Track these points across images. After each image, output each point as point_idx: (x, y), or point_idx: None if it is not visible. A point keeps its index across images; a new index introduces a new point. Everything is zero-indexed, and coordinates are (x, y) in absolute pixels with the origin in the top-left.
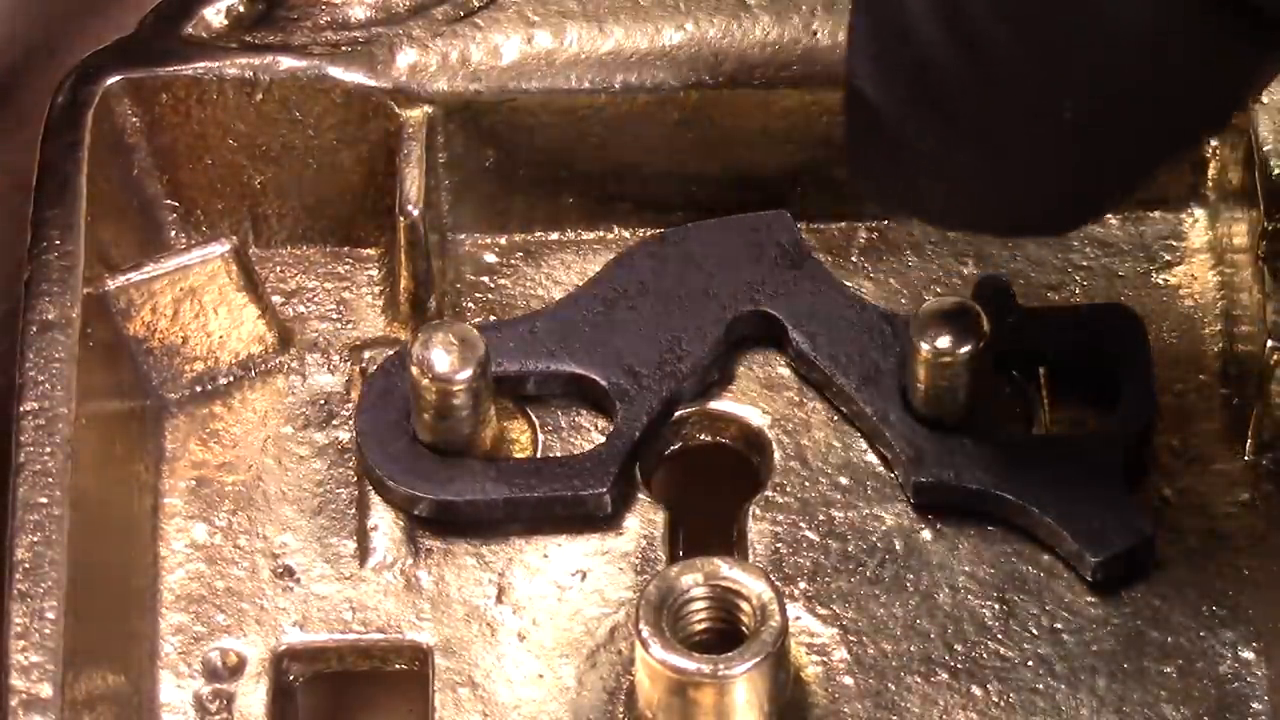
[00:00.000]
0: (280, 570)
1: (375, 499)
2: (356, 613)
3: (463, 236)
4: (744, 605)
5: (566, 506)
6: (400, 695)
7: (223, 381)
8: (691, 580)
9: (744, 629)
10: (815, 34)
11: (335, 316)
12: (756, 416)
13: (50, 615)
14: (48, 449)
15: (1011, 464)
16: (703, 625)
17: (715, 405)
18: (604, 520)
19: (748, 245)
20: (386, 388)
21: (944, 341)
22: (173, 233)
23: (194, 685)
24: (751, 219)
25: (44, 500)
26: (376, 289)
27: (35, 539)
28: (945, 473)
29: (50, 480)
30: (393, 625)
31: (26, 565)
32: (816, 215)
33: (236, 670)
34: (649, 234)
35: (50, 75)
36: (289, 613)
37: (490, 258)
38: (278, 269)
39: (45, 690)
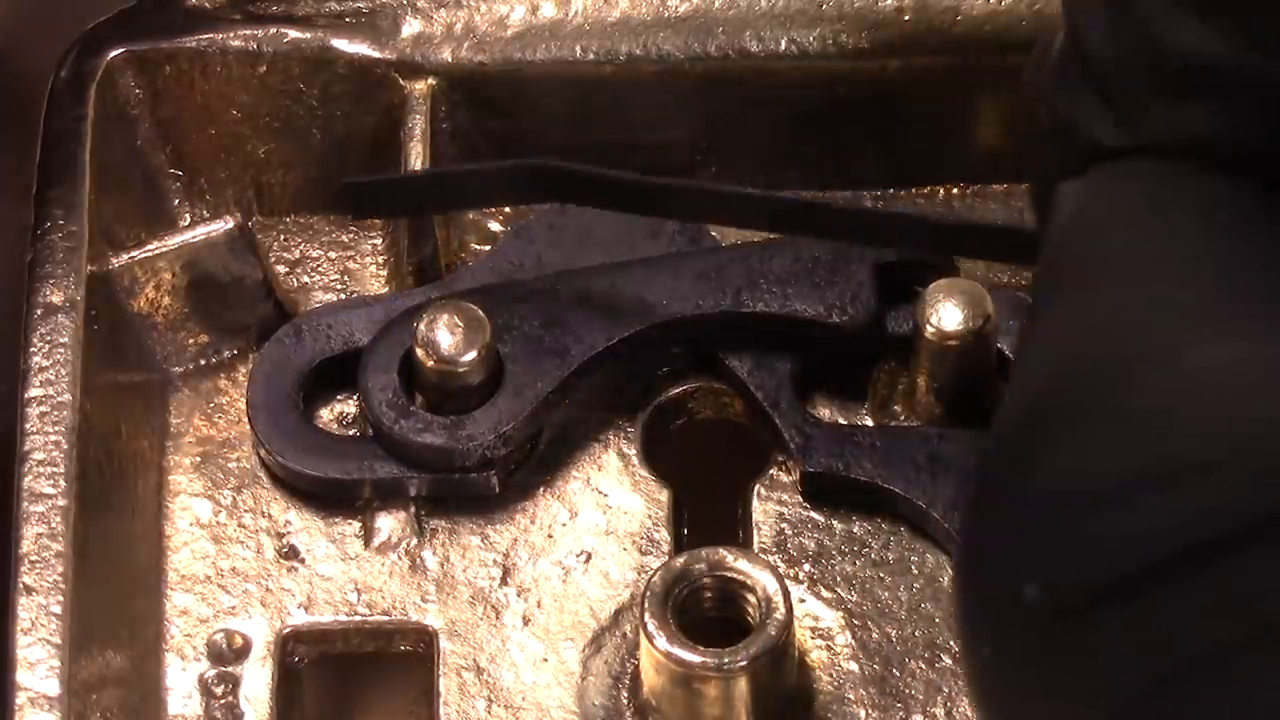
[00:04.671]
0: (285, 550)
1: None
2: (362, 595)
3: None
4: (749, 597)
5: (454, 487)
6: (405, 677)
7: (227, 354)
8: (697, 571)
9: (749, 620)
10: (821, 5)
11: (339, 286)
12: None
13: (56, 610)
14: (53, 437)
15: (903, 457)
16: (708, 615)
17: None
18: (493, 500)
19: (645, 220)
20: (279, 360)
21: (952, 322)
22: (176, 202)
23: (199, 668)
24: None
25: (49, 490)
26: (381, 258)
27: (40, 530)
28: (835, 464)
29: (56, 470)
30: (398, 607)
31: (32, 558)
32: (821, 184)
33: (242, 653)
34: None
35: (52, 48)
36: (294, 594)
37: (495, 226)
38: (281, 237)
39: (52, 687)
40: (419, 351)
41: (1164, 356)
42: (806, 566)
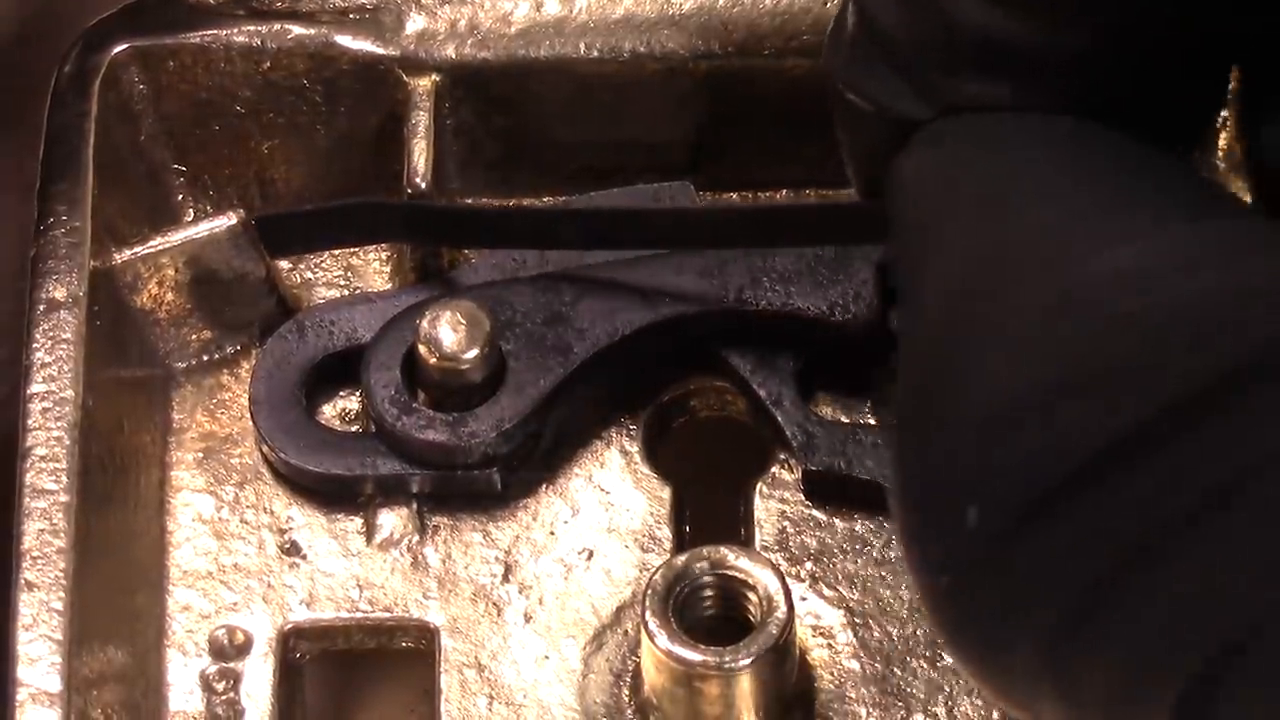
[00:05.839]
0: (287, 546)
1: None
2: (363, 591)
3: (470, 201)
4: (751, 595)
5: (456, 484)
6: (406, 674)
7: (230, 350)
8: (698, 569)
9: (750, 619)
10: (826, 3)
11: (342, 283)
12: None
13: (58, 606)
14: (55, 433)
15: None
16: (709, 614)
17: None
18: (495, 497)
19: None
20: (282, 356)
21: None
22: (179, 198)
23: (200, 664)
24: (654, 189)
25: (51, 486)
26: (384, 255)
27: (42, 526)
28: (837, 462)
29: (57, 466)
30: (399, 604)
31: (34, 554)
32: (825, 182)
33: (243, 649)
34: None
35: (54, 45)
36: (296, 590)
37: None
38: None
39: (53, 683)
40: (421, 348)
41: (1059, 267)
42: (808, 565)
